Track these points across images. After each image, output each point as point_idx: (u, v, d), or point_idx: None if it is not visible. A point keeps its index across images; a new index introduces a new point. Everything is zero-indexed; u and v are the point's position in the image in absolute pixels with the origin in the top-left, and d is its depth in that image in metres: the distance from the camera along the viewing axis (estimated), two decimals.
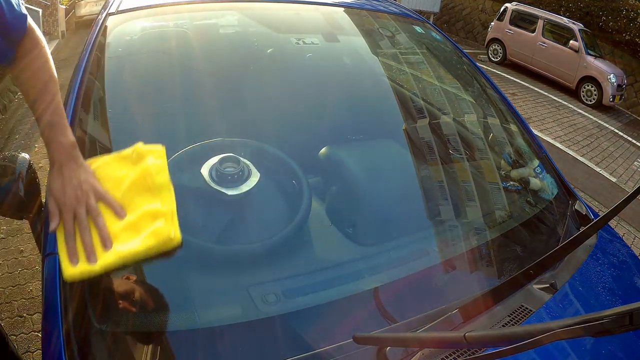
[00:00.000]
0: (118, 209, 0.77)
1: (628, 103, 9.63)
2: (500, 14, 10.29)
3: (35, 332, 2.00)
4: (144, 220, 0.75)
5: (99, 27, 1.26)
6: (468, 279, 0.95)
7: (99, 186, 0.78)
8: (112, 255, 0.70)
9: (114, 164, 0.84)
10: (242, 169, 0.91)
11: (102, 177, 0.81)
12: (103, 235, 0.73)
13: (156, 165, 0.82)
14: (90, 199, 0.76)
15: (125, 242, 0.72)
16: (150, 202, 0.77)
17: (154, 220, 0.74)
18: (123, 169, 0.82)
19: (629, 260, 1.22)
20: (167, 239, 0.72)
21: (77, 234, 0.73)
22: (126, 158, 0.84)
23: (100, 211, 0.76)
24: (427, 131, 1.31)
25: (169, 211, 0.76)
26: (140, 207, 0.77)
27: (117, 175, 0.81)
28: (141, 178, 0.80)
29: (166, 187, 0.79)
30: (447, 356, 0.72)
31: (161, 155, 0.84)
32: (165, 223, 0.74)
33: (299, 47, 1.45)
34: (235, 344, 0.72)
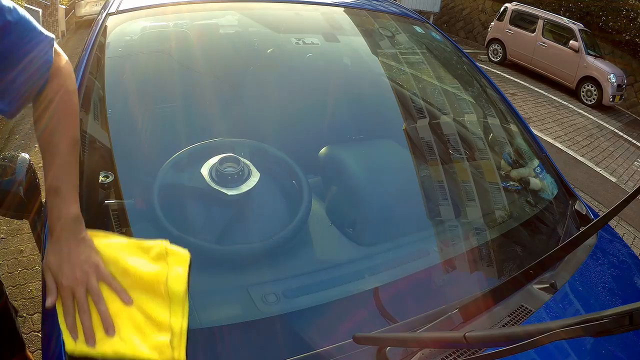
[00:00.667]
0: (124, 295, 0.69)
1: (628, 103, 9.63)
2: (500, 14, 10.29)
3: (35, 332, 2.00)
4: (149, 324, 0.67)
5: (99, 27, 1.26)
6: (468, 279, 0.95)
7: (102, 266, 0.70)
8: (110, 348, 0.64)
9: (127, 249, 0.74)
10: (242, 169, 0.91)
11: (108, 259, 0.71)
12: (106, 323, 0.66)
13: (176, 273, 0.71)
14: (91, 279, 0.68)
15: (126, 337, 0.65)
16: (159, 308, 0.69)
17: (160, 331, 0.66)
18: (137, 259, 0.72)
19: (629, 260, 1.22)
20: (170, 358, 0.64)
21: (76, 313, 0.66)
22: (144, 249, 0.74)
23: (102, 294, 0.68)
24: (427, 131, 1.31)
25: (177, 327, 0.67)
26: (147, 307, 0.69)
27: (128, 264, 0.71)
28: (155, 279, 0.70)
29: (181, 299, 0.70)
30: (447, 356, 0.72)
31: (184, 261, 0.73)
32: (172, 341, 0.66)
33: (299, 47, 1.45)
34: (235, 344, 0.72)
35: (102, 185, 0.87)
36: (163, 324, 0.67)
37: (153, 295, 0.69)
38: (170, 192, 0.89)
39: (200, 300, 0.79)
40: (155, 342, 0.65)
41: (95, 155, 0.95)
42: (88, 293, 0.67)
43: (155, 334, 0.66)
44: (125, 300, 0.68)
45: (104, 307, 0.67)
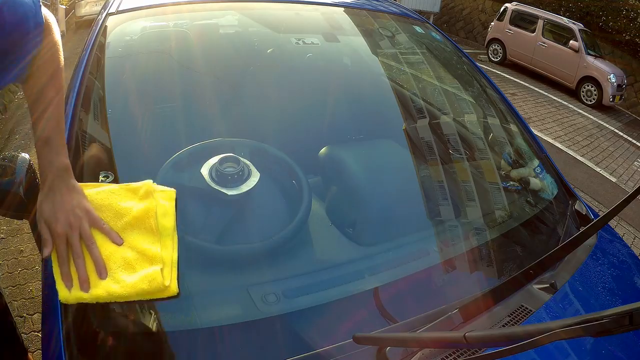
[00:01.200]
0: (114, 236, 0.72)
1: (628, 103, 9.63)
2: (500, 14, 10.29)
3: (35, 332, 2.00)
4: (141, 259, 0.71)
5: (99, 27, 1.26)
6: (468, 279, 0.95)
7: (93, 211, 0.73)
8: (103, 289, 0.67)
9: (117, 194, 0.77)
10: (242, 169, 0.91)
11: (99, 205, 0.75)
12: (98, 266, 0.69)
13: (163, 207, 0.76)
14: (83, 224, 0.71)
15: (119, 277, 0.68)
16: (150, 244, 0.73)
17: (151, 263, 0.70)
18: (126, 201, 0.76)
19: (629, 260, 1.22)
20: (162, 286, 0.68)
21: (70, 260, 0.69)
22: (131, 191, 0.78)
23: (94, 239, 0.71)
24: (427, 131, 1.31)
25: (168, 258, 0.71)
26: (139, 244, 0.72)
27: (118, 207, 0.75)
28: (144, 216, 0.74)
29: (170, 233, 0.74)
30: (447, 356, 0.72)
31: (171, 197, 0.78)
32: (163, 270, 0.69)
33: (299, 47, 1.45)
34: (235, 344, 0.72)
35: None
36: (154, 257, 0.71)
37: (144, 231, 0.73)
38: None
39: (200, 300, 0.79)
40: (146, 273, 0.68)
41: (95, 155, 0.96)
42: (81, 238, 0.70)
43: (146, 267, 0.69)
44: (116, 240, 0.72)
45: (97, 251, 0.70)
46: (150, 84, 1.24)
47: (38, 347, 1.90)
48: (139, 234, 0.73)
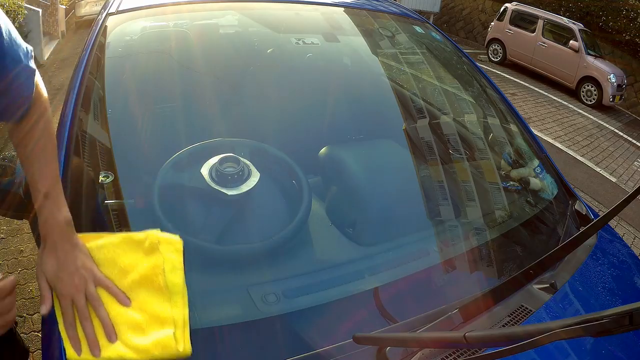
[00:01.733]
0: (122, 297, 0.69)
1: (628, 103, 9.63)
2: (500, 14, 10.29)
3: (35, 332, 2.00)
4: (151, 321, 0.67)
5: (99, 27, 1.26)
6: (468, 279, 0.95)
7: (98, 271, 0.70)
8: (115, 352, 0.64)
9: (120, 248, 0.73)
10: (242, 169, 0.91)
11: (102, 261, 0.71)
12: (107, 329, 0.66)
13: (171, 261, 0.71)
14: (89, 286, 0.68)
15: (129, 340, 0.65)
16: (159, 303, 0.69)
17: (162, 326, 0.67)
18: (130, 256, 0.72)
19: (629, 260, 1.22)
20: (176, 352, 0.64)
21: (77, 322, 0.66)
22: (135, 244, 0.73)
23: (101, 300, 0.68)
24: (427, 131, 1.31)
25: (180, 319, 0.68)
26: (147, 304, 0.69)
27: (123, 263, 0.71)
28: (151, 273, 0.70)
29: (180, 290, 0.70)
30: (447, 356, 0.72)
31: (178, 250, 0.73)
32: (176, 334, 0.66)
33: (299, 47, 1.45)
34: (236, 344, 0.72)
35: (102, 185, 0.87)
36: (165, 319, 0.67)
37: (152, 290, 0.69)
38: (170, 192, 0.89)
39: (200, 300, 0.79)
40: (158, 338, 0.65)
41: (95, 155, 0.95)
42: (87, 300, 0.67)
43: (157, 330, 0.66)
44: (124, 302, 0.69)
45: (104, 313, 0.67)
46: (150, 84, 1.24)
47: (38, 347, 1.90)
48: (147, 293, 0.70)
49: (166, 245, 0.72)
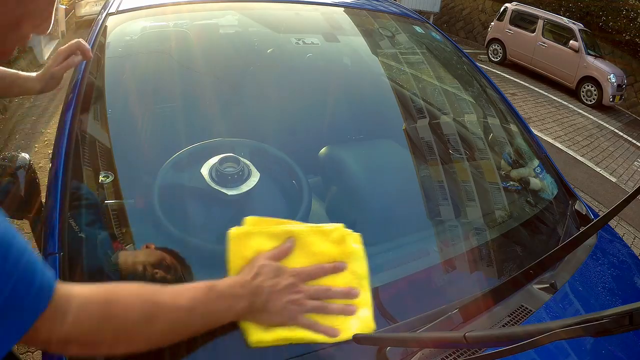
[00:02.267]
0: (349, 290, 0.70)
1: (628, 103, 9.64)
2: (500, 14, 10.30)
3: None
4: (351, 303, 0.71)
5: (99, 27, 1.26)
6: (468, 279, 0.95)
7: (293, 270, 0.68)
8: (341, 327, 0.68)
9: (314, 236, 0.74)
10: (242, 169, 0.91)
11: (300, 246, 0.72)
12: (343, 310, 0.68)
13: (358, 252, 0.74)
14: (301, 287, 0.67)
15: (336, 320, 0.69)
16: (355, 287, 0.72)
17: (362, 307, 0.71)
18: (323, 244, 0.74)
19: (629, 260, 1.22)
20: (372, 329, 0.69)
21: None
22: (325, 234, 0.75)
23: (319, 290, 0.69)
24: (427, 131, 1.31)
25: (370, 301, 0.72)
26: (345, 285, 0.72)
27: (318, 250, 0.73)
28: (346, 259, 0.73)
29: (366, 277, 0.74)
30: (447, 356, 0.72)
31: (359, 240, 0.76)
32: (370, 313, 0.70)
33: (299, 47, 1.45)
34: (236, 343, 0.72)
35: (102, 185, 0.87)
36: (362, 301, 0.71)
37: (347, 275, 0.73)
38: (170, 192, 0.89)
39: None
40: (360, 317, 0.70)
41: (95, 155, 0.95)
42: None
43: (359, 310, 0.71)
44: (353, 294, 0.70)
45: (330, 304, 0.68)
46: (150, 84, 1.24)
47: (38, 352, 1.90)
48: (342, 278, 0.72)
49: (351, 237, 0.76)
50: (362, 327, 0.69)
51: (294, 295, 0.65)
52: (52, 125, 4.06)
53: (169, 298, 0.57)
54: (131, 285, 0.57)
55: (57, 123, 1.06)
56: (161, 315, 0.56)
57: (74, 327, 0.50)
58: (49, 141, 3.74)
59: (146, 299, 0.56)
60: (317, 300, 0.68)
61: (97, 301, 0.52)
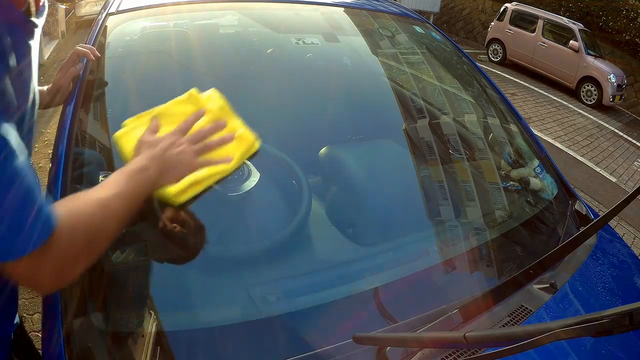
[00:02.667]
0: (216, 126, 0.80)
1: (628, 103, 9.64)
2: (500, 14, 10.30)
3: (35, 332, 2.00)
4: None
5: (99, 27, 1.26)
6: (468, 279, 0.95)
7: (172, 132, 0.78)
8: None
9: (174, 107, 0.84)
10: (242, 169, 0.91)
11: (166, 120, 0.81)
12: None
13: (209, 97, 0.85)
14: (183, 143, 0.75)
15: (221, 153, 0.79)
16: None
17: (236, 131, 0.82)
18: (183, 108, 0.83)
19: (629, 260, 1.22)
20: (252, 142, 0.82)
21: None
22: (181, 102, 0.84)
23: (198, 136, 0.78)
24: (427, 131, 1.31)
25: (238, 123, 0.84)
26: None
27: (180, 113, 0.82)
28: (208, 115, 0.82)
29: (223, 106, 0.84)
30: (447, 356, 0.72)
31: (216, 95, 0.87)
32: (244, 129, 0.83)
33: (299, 47, 1.45)
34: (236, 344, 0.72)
35: None
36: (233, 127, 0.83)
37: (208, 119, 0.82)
38: None
39: (201, 300, 0.79)
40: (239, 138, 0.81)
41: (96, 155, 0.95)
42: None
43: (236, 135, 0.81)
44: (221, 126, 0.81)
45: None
46: (150, 84, 1.24)
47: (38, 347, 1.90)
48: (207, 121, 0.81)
49: (207, 96, 0.86)
50: (245, 144, 0.81)
51: (179, 147, 0.74)
52: (52, 125, 4.05)
53: (104, 193, 0.63)
54: (75, 198, 0.62)
55: (57, 123, 1.06)
56: (108, 210, 0.62)
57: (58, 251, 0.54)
58: (49, 141, 3.74)
59: (90, 202, 0.61)
60: (199, 144, 0.77)
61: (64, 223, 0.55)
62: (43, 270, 0.54)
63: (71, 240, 0.55)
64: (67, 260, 0.56)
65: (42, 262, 0.52)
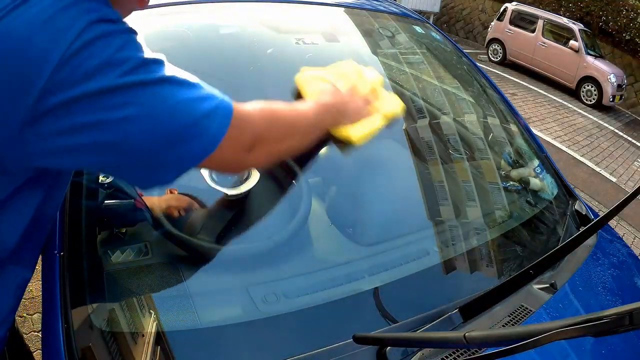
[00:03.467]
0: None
1: (628, 103, 9.64)
2: (500, 14, 10.30)
3: (35, 332, 2.00)
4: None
5: None
6: (468, 279, 0.95)
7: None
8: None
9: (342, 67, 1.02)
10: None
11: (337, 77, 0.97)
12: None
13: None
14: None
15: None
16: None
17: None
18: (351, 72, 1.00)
19: (629, 260, 1.22)
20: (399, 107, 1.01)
21: None
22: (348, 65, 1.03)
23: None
24: (427, 131, 1.31)
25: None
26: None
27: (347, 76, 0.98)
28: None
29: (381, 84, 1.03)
30: (447, 356, 0.72)
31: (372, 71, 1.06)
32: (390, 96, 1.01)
33: (299, 47, 1.45)
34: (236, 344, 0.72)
35: (102, 185, 0.87)
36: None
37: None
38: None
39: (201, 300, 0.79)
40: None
41: None
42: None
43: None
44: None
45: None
46: None
47: (38, 347, 1.90)
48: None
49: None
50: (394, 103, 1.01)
51: (358, 98, 0.91)
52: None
53: (301, 109, 0.76)
54: (273, 102, 0.71)
55: None
56: (302, 118, 0.75)
57: (259, 124, 0.65)
58: None
59: (290, 108, 0.74)
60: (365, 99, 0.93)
61: (265, 109, 0.68)
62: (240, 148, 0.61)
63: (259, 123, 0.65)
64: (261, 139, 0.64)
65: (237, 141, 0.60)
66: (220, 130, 0.56)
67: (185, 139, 0.53)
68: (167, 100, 0.52)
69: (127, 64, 0.49)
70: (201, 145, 0.54)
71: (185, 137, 0.52)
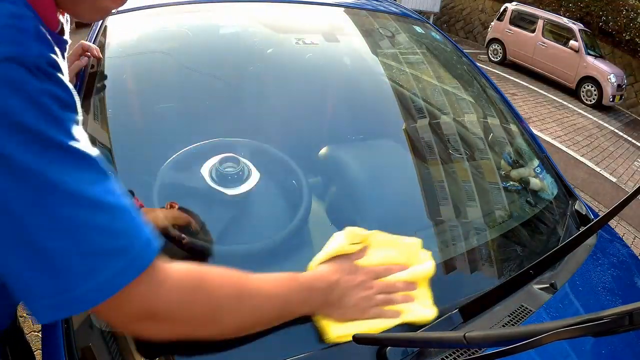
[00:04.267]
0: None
1: (628, 103, 9.64)
2: (500, 14, 10.30)
3: (35, 332, 2.00)
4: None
5: (99, 27, 1.26)
6: (468, 279, 0.95)
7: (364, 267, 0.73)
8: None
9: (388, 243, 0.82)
10: (242, 169, 0.91)
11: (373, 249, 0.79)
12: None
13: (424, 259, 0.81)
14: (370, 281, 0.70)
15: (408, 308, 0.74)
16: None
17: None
18: (395, 251, 0.81)
19: (629, 260, 1.22)
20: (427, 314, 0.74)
21: None
22: (399, 245, 0.82)
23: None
24: (427, 131, 1.31)
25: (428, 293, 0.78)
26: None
27: (389, 254, 0.79)
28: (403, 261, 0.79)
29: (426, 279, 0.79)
30: (447, 356, 0.72)
31: (429, 256, 0.82)
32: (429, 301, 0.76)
33: (299, 47, 1.45)
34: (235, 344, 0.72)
35: None
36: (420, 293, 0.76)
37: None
38: (170, 192, 0.89)
39: None
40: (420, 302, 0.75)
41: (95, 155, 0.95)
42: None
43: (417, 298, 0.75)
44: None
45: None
46: (150, 84, 1.24)
47: (38, 347, 1.90)
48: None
49: (422, 251, 0.82)
50: (421, 313, 0.73)
51: (366, 291, 0.69)
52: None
53: (255, 282, 0.58)
54: (219, 267, 0.57)
55: None
56: (247, 297, 0.56)
57: (166, 297, 0.49)
58: None
59: (235, 280, 0.57)
60: (384, 294, 0.71)
61: (191, 276, 0.53)
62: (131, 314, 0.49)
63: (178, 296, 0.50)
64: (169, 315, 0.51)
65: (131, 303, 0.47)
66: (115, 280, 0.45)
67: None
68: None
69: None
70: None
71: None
